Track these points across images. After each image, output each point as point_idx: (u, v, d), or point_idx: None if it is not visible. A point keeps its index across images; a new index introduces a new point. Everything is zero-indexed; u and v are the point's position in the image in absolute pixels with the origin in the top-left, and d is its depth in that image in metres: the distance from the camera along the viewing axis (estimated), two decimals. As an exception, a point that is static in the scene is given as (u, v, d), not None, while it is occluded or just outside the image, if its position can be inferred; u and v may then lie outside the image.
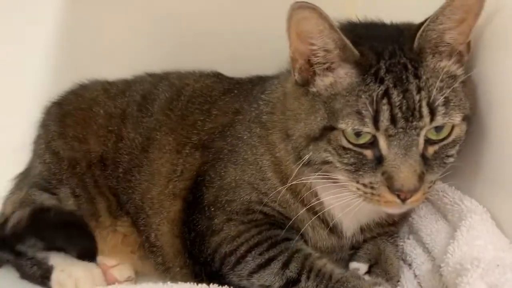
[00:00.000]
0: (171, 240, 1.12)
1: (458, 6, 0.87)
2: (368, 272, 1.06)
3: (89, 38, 1.48)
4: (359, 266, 1.07)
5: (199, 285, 0.98)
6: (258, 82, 1.21)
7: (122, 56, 1.50)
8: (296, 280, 0.95)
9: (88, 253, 1.15)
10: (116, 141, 1.22)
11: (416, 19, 0.94)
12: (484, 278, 0.79)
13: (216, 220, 1.04)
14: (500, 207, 0.94)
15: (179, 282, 1.01)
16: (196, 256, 1.06)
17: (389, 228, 1.11)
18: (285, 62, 1.02)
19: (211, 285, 0.98)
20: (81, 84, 1.36)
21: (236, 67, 1.31)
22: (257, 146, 1.06)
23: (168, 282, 1.00)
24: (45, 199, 1.21)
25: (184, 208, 1.11)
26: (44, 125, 1.32)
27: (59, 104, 1.33)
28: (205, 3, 1.49)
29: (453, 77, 0.90)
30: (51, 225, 1.17)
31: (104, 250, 1.19)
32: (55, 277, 1.10)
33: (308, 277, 0.95)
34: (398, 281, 1.05)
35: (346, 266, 1.08)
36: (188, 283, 1.00)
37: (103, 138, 1.24)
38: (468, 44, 0.93)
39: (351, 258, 1.09)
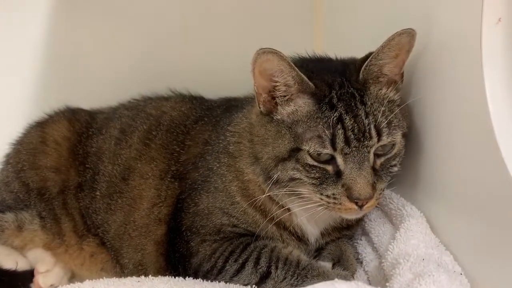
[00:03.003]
0: (155, 258, 1.23)
1: (394, 44, 1.03)
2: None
3: (75, 59, 1.59)
4: (325, 265, 1.19)
5: (176, 278, 1.11)
6: (225, 109, 1.32)
7: (108, 77, 1.60)
8: (268, 273, 1.08)
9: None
10: (93, 175, 1.32)
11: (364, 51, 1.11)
12: (412, 270, 0.95)
13: (192, 243, 1.15)
14: (434, 212, 1.10)
15: (159, 276, 1.13)
16: (180, 271, 1.17)
17: (345, 232, 1.24)
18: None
19: (187, 278, 1.12)
20: (68, 109, 1.44)
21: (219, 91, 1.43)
22: (226, 174, 1.17)
23: (150, 276, 1.12)
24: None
25: (168, 232, 1.21)
26: (16, 150, 1.39)
27: (42, 126, 1.40)
28: (190, 27, 1.62)
29: (392, 102, 1.07)
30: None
31: (71, 267, 1.29)
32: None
33: (276, 267, 1.08)
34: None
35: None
36: (166, 276, 1.13)
37: (82, 172, 1.34)
38: (402, 74, 1.10)
39: (317, 258, 1.22)
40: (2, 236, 1.29)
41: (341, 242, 1.24)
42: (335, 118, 1.00)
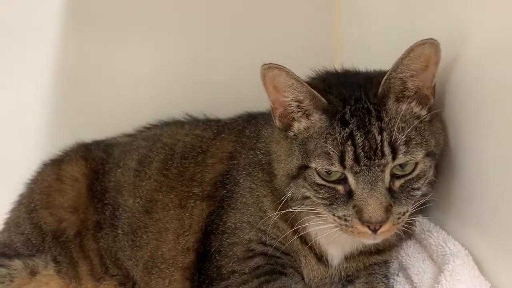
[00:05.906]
0: (181, 284, 1.19)
1: (415, 56, 0.95)
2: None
3: (89, 86, 1.53)
4: None
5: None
6: (248, 119, 1.27)
7: (122, 105, 1.54)
8: None
9: None
10: (113, 211, 1.27)
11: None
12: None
13: (223, 270, 1.11)
14: (480, 249, 0.98)
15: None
16: None
17: (376, 258, 1.13)
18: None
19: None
20: (82, 146, 1.38)
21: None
22: (259, 188, 1.12)
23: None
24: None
25: (197, 258, 1.17)
26: (30, 189, 1.33)
27: (58, 164, 1.35)
28: (204, 51, 1.56)
29: (416, 117, 0.98)
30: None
31: None
32: None
33: None
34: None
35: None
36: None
37: (100, 209, 1.28)
38: (433, 88, 1.00)
39: None
40: (11, 286, 1.21)
41: (373, 278, 1.13)
42: (345, 134, 0.96)
